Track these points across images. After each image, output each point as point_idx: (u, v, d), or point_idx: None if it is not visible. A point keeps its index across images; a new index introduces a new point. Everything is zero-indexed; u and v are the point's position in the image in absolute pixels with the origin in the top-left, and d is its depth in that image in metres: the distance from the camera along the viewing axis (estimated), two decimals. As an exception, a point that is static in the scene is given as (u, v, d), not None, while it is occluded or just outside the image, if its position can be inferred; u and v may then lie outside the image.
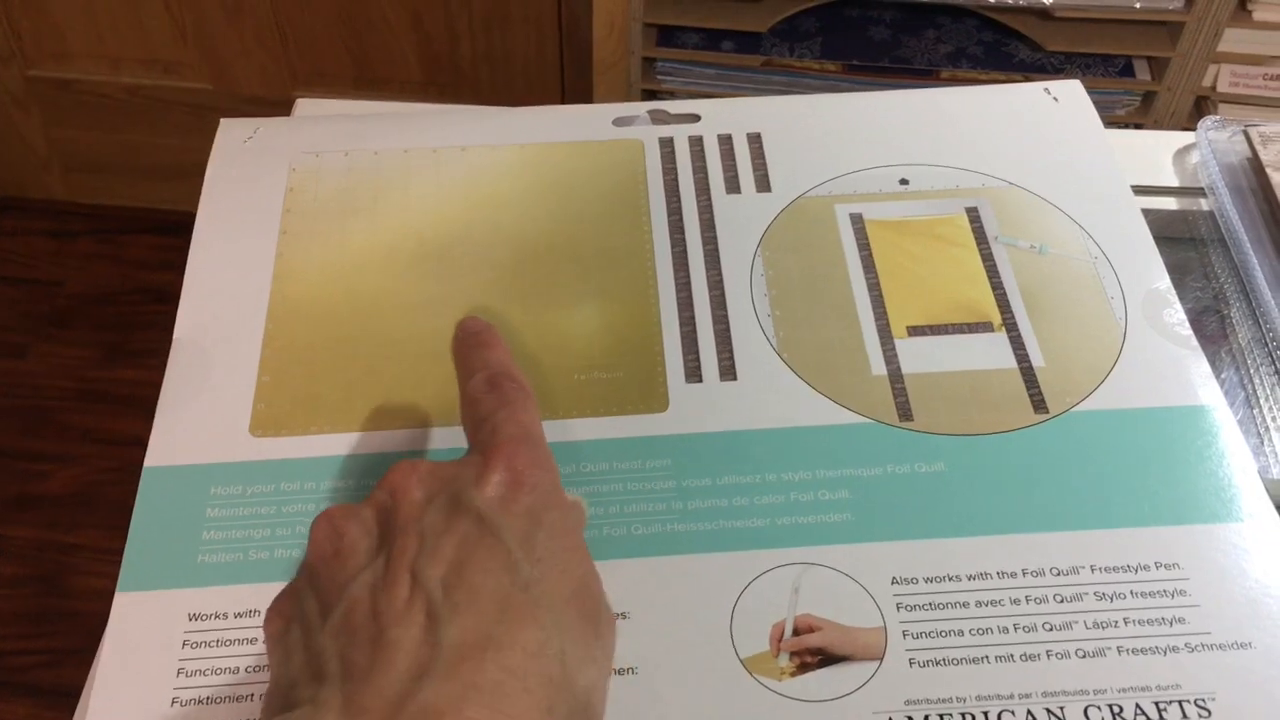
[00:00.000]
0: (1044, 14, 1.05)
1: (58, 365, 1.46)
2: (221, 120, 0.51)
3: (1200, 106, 1.09)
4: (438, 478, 0.34)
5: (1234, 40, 1.03)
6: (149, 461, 0.41)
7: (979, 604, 0.38)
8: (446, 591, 0.31)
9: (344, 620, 0.31)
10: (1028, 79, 1.05)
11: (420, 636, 0.30)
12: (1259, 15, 1.01)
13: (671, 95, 1.15)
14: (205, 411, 0.42)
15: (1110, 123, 1.11)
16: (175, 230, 1.48)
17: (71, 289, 1.55)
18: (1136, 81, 1.08)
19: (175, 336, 0.44)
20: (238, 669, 0.36)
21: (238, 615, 0.37)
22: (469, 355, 0.40)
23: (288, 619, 0.33)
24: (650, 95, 1.15)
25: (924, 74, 1.08)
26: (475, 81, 1.39)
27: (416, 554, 0.32)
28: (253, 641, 0.37)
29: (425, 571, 0.31)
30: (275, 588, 0.38)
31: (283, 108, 0.58)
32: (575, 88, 1.36)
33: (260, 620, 0.37)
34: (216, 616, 0.37)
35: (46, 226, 1.61)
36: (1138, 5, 1.02)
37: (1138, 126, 1.10)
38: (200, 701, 0.36)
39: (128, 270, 1.56)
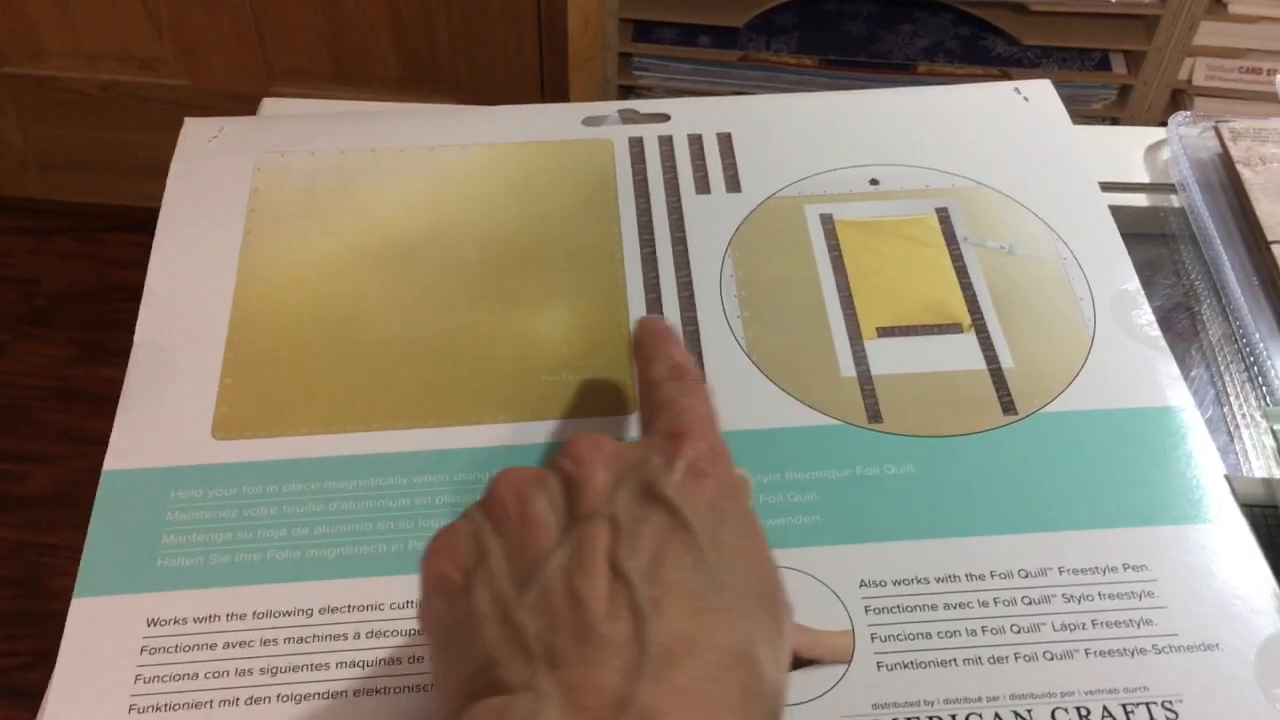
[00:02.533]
0: (1020, 8, 1.05)
1: (35, 364, 1.45)
2: (186, 120, 0.51)
3: (1177, 100, 1.10)
4: (624, 460, 0.33)
5: (1209, 33, 1.03)
6: (108, 465, 0.41)
7: (947, 606, 0.38)
8: (647, 586, 0.30)
9: (543, 599, 0.30)
10: (1004, 73, 1.06)
11: (629, 634, 0.29)
12: (1234, 8, 1.01)
13: (649, 91, 1.14)
14: (167, 414, 0.42)
15: (1087, 116, 1.11)
16: (153, 228, 1.46)
17: (49, 287, 1.54)
18: (1113, 75, 1.08)
19: (136, 339, 0.44)
20: (197, 674, 0.36)
21: (198, 620, 0.37)
22: (652, 346, 0.39)
23: (467, 571, 0.31)
24: (627, 91, 1.15)
25: (901, 68, 1.08)
26: (454, 77, 1.38)
27: (613, 544, 0.31)
28: (212, 647, 0.37)
29: (625, 564, 0.30)
30: (237, 592, 0.38)
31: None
32: (554, 83, 1.36)
33: (221, 625, 0.37)
34: (176, 622, 0.37)
35: (23, 224, 1.60)
36: None
37: (1114, 120, 1.10)
38: (158, 709, 0.35)
39: (105, 268, 1.55)
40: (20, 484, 1.34)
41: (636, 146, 0.51)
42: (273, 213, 0.48)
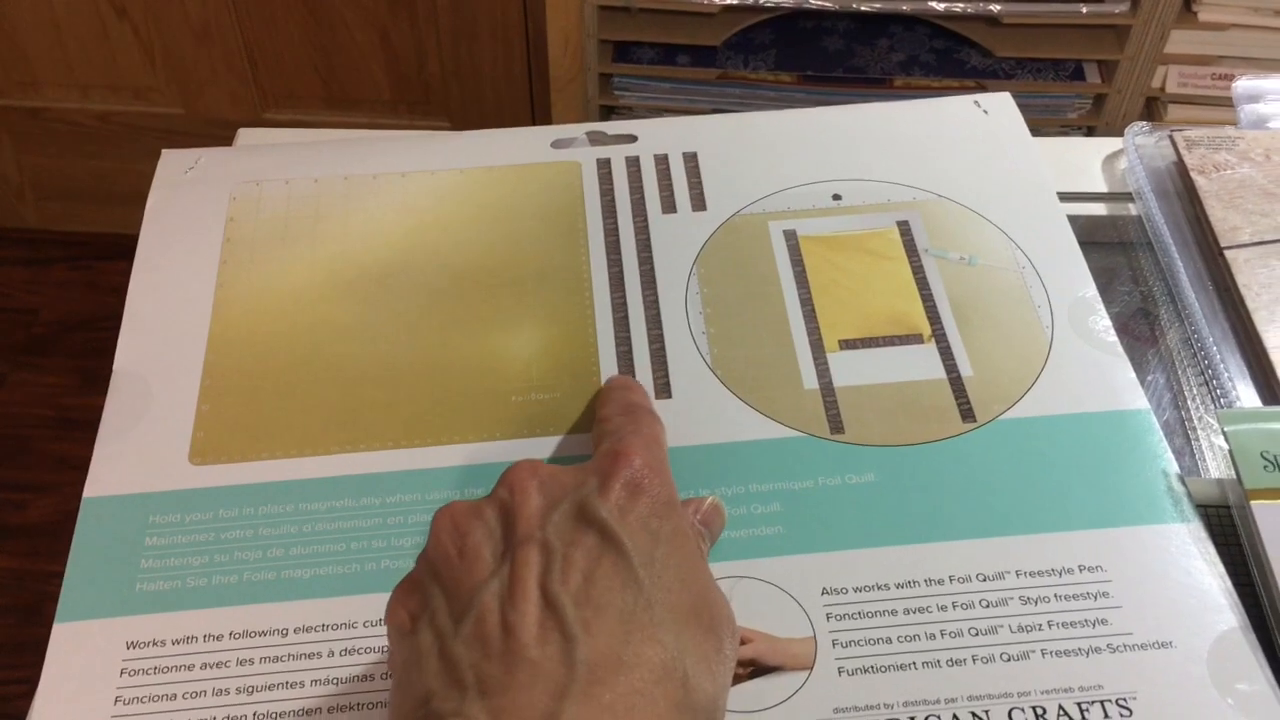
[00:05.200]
0: (993, 21, 1.06)
1: (34, 394, 1.46)
2: (163, 151, 0.52)
3: (1151, 107, 1.11)
4: (559, 483, 0.35)
5: (1180, 41, 1.04)
6: (88, 492, 0.42)
7: (907, 611, 0.39)
8: (577, 608, 0.31)
9: (476, 629, 0.31)
10: (980, 85, 1.07)
11: (557, 656, 0.30)
12: (1204, 16, 1.02)
13: (630, 110, 1.15)
14: (145, 441, 0.43)
15: (1063, 126, 1.12)
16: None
17: (47, 317, 1.55)
18: (1086, 85, 1.09)
19: (115, 367, 0.45)
20: (175, 695, 0.37)
21: (175, 642, 0.38)
22: (610, 392, 0.42)
23: (414, 615, 0.33)
24: (609, 111, 1.16)
25: (878, 83, 1.09)
26: (444, 99, 1.40)
27: (544, 568, 0.32)
28: (190, 668, 0.38)
29: (555, 588, 0.32)
30: (214, 613, 0.39)
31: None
32: (544, 104, 1.37)
33: (199, 646, 0.38)
34: (154, 644, 0.38)
35: (20, 255, 1.61)
36: (1084, 10, 1.03)
37: (1090, 129, 1.11)
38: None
39: (102, 297, 1.57)
40: (20, 513, 1.35)
41: (604, 168, 0.52)
42: (248, 241, 0.49)
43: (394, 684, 0.33)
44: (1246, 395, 0.46)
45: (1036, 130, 0.53)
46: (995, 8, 1.04)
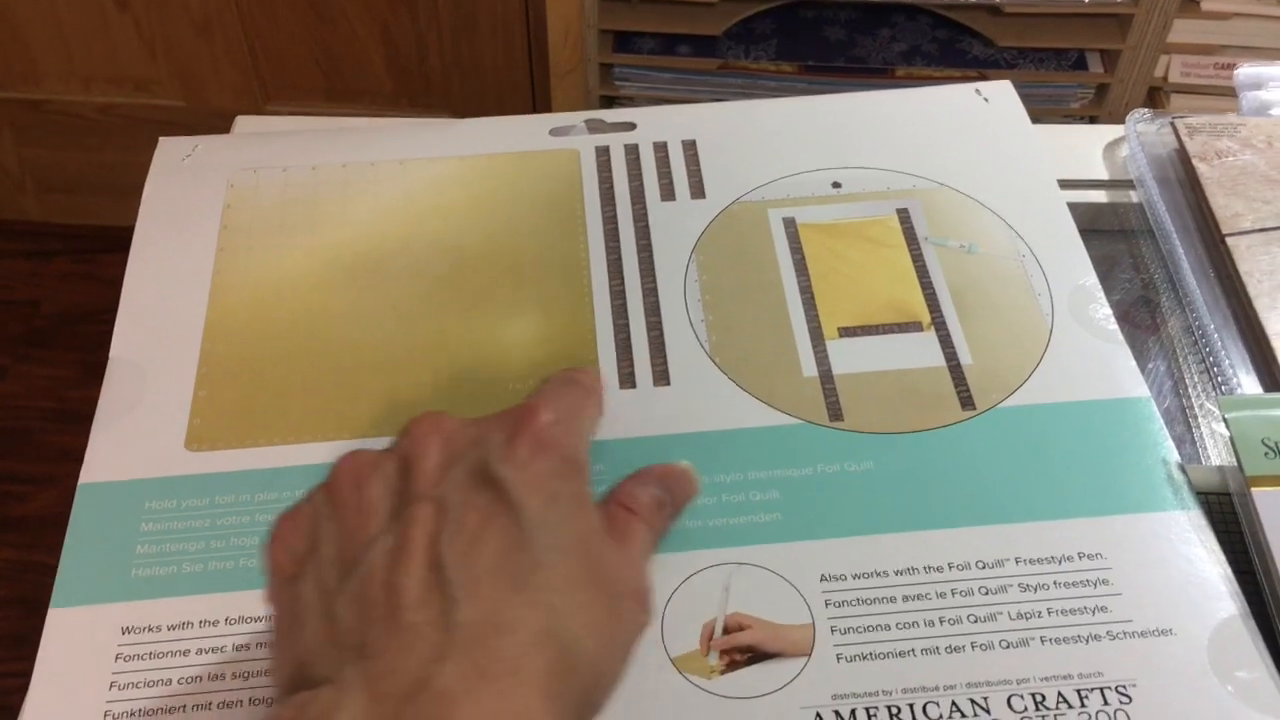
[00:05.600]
0: (995, 10, 1.06)
1: (36, 385, 1.47)
2: (160, 139, 0.52)
3: (1153, 97, 1.10)
4: (463, 437, 0.34)
5: (1183, 31, 1.04)
6: (83, 478, 0.42)
7: (906, 598, 0.39)
8: (462, 570, 0.31)
9: (361, 589, 0.31)
10: (982, 74, 1.06)
11: (436, 619, 0.30)
12: (1207, 5, 1.02)
13: (630, 100, 1.15)
14: (141, 427, 0.43)
15: (1065, 116, 1.11)
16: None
17: (48, 309, 1.55)
18: (1089, 74, 1.09)
19: (111, 355, 0.45)
20: (170, 680, 0.37)
21: (171, 628, 0.38)
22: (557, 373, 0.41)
23: (299, 558, 0.33)
24: (609, 101, 1.16)
25: (879, 72, 1.09)
26: (445, 91, 1.40)
27: (435, 528, 0.32)
28: (185, 654, 0.37)
29: (443, 548, 0.31)
30: (209, 599, 0.38)
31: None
32: (544, 95, 1.37)
33: (194, 632, 0.38)
34: (149, 629, 0.38)
35: (22, 247, 1.61)
36: (1086, 0, 1.03)
37: (1093, 119, 1.11)
38: (133, 714, 0.36)
39: (104, 289, 1.56)
40: (22, 504, 1.35)
41: (603, 155, 0.52)
42: (245, 228, 0.49)
43: (275, 631, 0.33)
44: (1247, 383, 0.46)
45: (1038, 120, 0.53)
46: (997, -3, 1.04)
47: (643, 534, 0.37)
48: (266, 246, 0.48)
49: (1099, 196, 0.54)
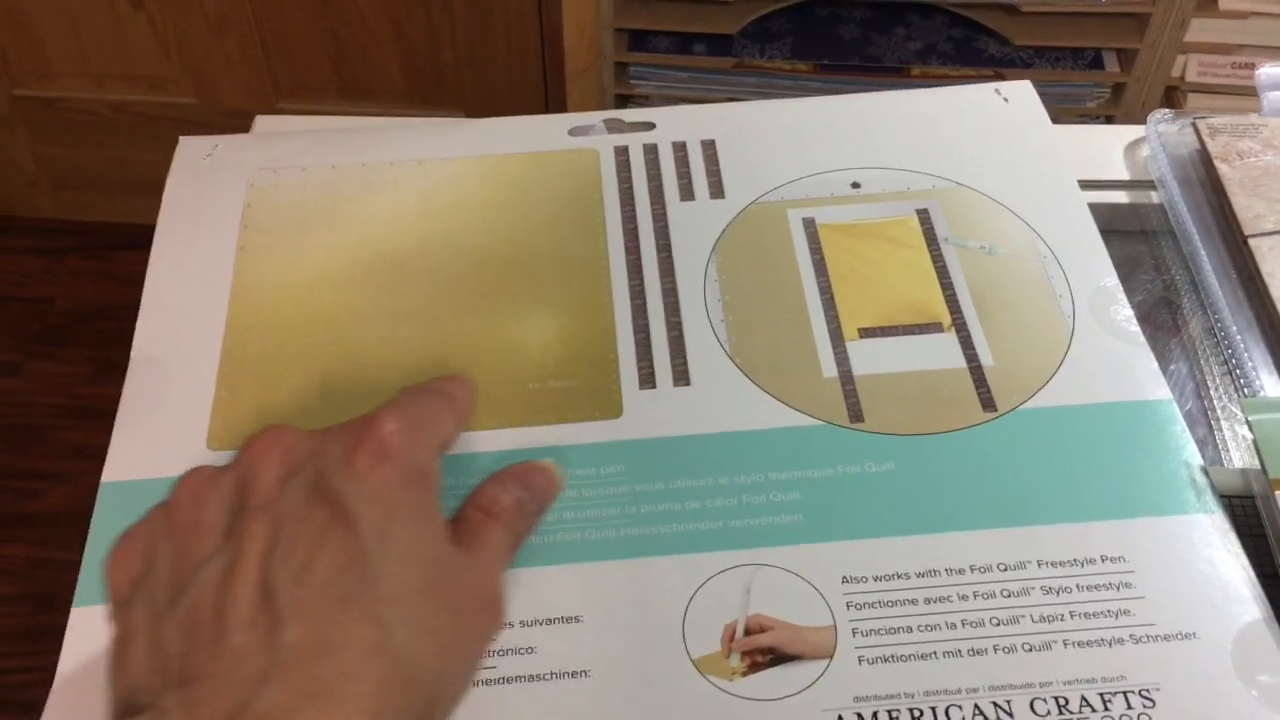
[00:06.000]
0: (1011, 9, 1.05)
1: (49, 382, 1.47)
2: (181, 138, 0.52)
3: (1170, 97, 1.10)
4: (303, 450, 0.34)
5: (1201, 30, 1.04)
6: (106, 477, 0.42)
7: (927, 601, 0.38)
8: (292, 589, 0.31)
9: (190, 613, 0.31)
10: (998, 74, 1.06)
11: (262, 641, 0.30)
12: (1225, 5, 1.02)
13: (645, 99, 1.15)
14: (162, 426, 0.43)
15: (1081, 115, 1.11)
16: (161, 245, 1.47)
17: (62, 306, 1.55)
18: (1105, 74, 1.08)
19: (133, 353, 0.45)
20: (193, 683, 0.37)
21: None
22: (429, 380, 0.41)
23: (134, 580, 0.33)
24: (624, 100, 1.16)
25: (894, 71, 1.09)
26: (458, 89, 1.40)
27: (269, 545, 0.31)
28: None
29: (275, 567, 0.31)
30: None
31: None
32: (558, 94, 1.37)
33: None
34: None
35: (35, 244, 1.61)
36: (1104, -1, 1.03)
37: (1109, 119, 1.11)
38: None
39: (117, 286, 1.57)
40: (36, 501, 1.36)
41: (622, 155, 0.52)
42: (265, 228, 0.49)
43: (110, 657, 0.32)
44: (1270, 385, 0.45)
45: (1055, 119, 0.52)
46: (1014, -4, 1.03)
47: (499, 537, 0.37)
48: (286, 246, 0.48)
49: (1120, 197, 0.54)
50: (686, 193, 0.50)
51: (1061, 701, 0.36)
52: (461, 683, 0.34)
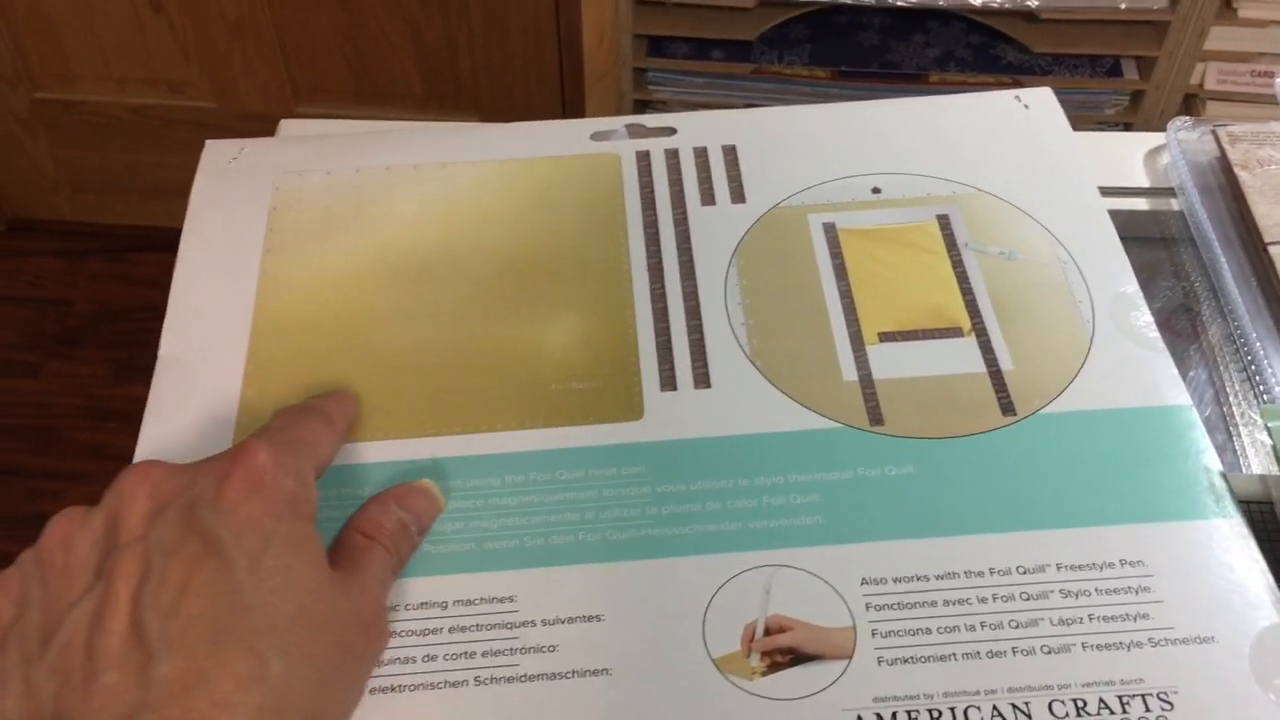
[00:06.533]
0: (1030, 16, 1.05)
1: (68, 384, 1.48)
2: (207, 141, 0.53)
3: (1189, 104, 1.10)
4: (173, 483, 0.34)
5: (1220, 38, 1.04)
6: None
7: (947, 603, 0.39)
8: (163, 624, 0.31)
9: (60, 656, 0.31)
10: (1016, 81, 1.06)
11: (133, 677, 0.30)
12: (1244, 13, 1.02)
13: (663, 104, 1.16)
14: (189, 425, 0.43)
15: (1100, 123, 1.11)
16: (180, 248, 1.47)
17: (81, 308, 1.56)
18: (1124, 81, 1.08)
19: (160, 354, 0.46)
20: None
21: None
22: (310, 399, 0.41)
23: (5, 625, 0.33)
24: (642, 105, 1.16)
25: (913, 78, 1.09)
26: (475, 94, 1.40)
27: (140, 582, 0.32)
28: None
29: (145, 603, 0.31)
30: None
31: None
32: (575, 99, 1.37)
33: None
34: None
35: (55, 247, 1.63)
36: (1123, 6, 1.03)
37: (1127, 126, 1.11)
38: None
39: (136, 289, 1.58)
40: (54, 502, 1.36)
41: (643, 160, 0.52)
42: (291, 230, 0.49)
43: None
44: (1289, 391, 0.46)
45: (1073, 127, 0.53)
46: (1033, 3, 1.03)
47: (380, 559, 0.37)
48: (311, 248, 0.49)
49: (1140, 204, 0.54)
50: (708, 197, 0.51)
51: (1080, 704, 0.36)
52: (345, 706, 0.34)
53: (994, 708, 0.36)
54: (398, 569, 0.38)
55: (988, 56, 1.08)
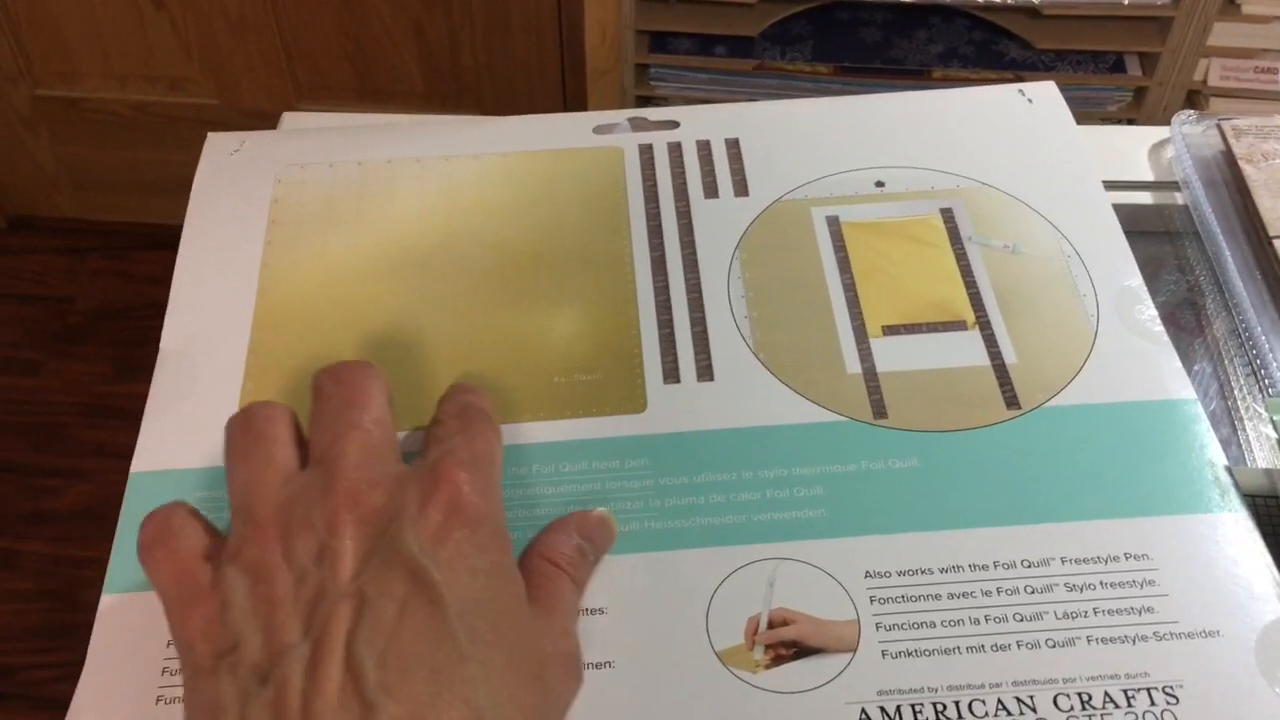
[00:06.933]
0: (1033, 12, 1.05)
1: (70, 381, 1.48)
2: (209, 135, 0.53)
3: (1192, 100, 1.10)
4: (379, 518, 0.34)
5: (1223, 34, 1.04)
6: (135, 467, 0.42)
7: (951, 596, 0.39)
8: (381, 672, 0.31)
9: (276, 698, 0.30)
10: (1019, 77, 1.06)
11: None
12: (1247, 9, 1.02)
13: (665, 100, 1.16)
14: (191, 418, 0.43)
15: (1103, 119, 1.11)
16: (182, 245, 1.48)
17: (83, 305, 1.56)
18: (1128, 77, 1.08)
19: (161, 346, 0.45)
20: (222, 670, 0.37)
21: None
22: (452, 394, 0.40)
23: (217, 652, 0.32)
24: (644, 101, 1.16)
25: (916, 74, 1.09)
26: (477, 91, 1.40)
27: (352, 626, 0.31)
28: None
29: (360, 649, 0.31)
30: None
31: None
32: (576, 95, 1.37)
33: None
34: None
35: (57, 244, 1.63)
36: (1126, 2, 1.02)
37: (1130, 121, 1.11)
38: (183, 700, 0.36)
39: (138, 286, 1.58)
40: (56, 499, 1.37)
41: (646, 153, 0.52)
42: (292, 223, 0.49)
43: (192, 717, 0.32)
44: (1294, 385, 0.46)
45: (1077, 122, 0.53)
46: (1036, -1, 1.03)
47: (567, 591, 0.37)
48: (313, 241, 0.49)
49: (1144, 198, 0.54)
50: (710, 190, 0.51)
51: (1085, 697, 0.36)
52: None
53: (998, 701, 0.36)
54: (579, 598, 0.38)
55: (991, 53, 1.08)
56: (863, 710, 0.36)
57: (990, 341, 0.45)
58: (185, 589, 0.33)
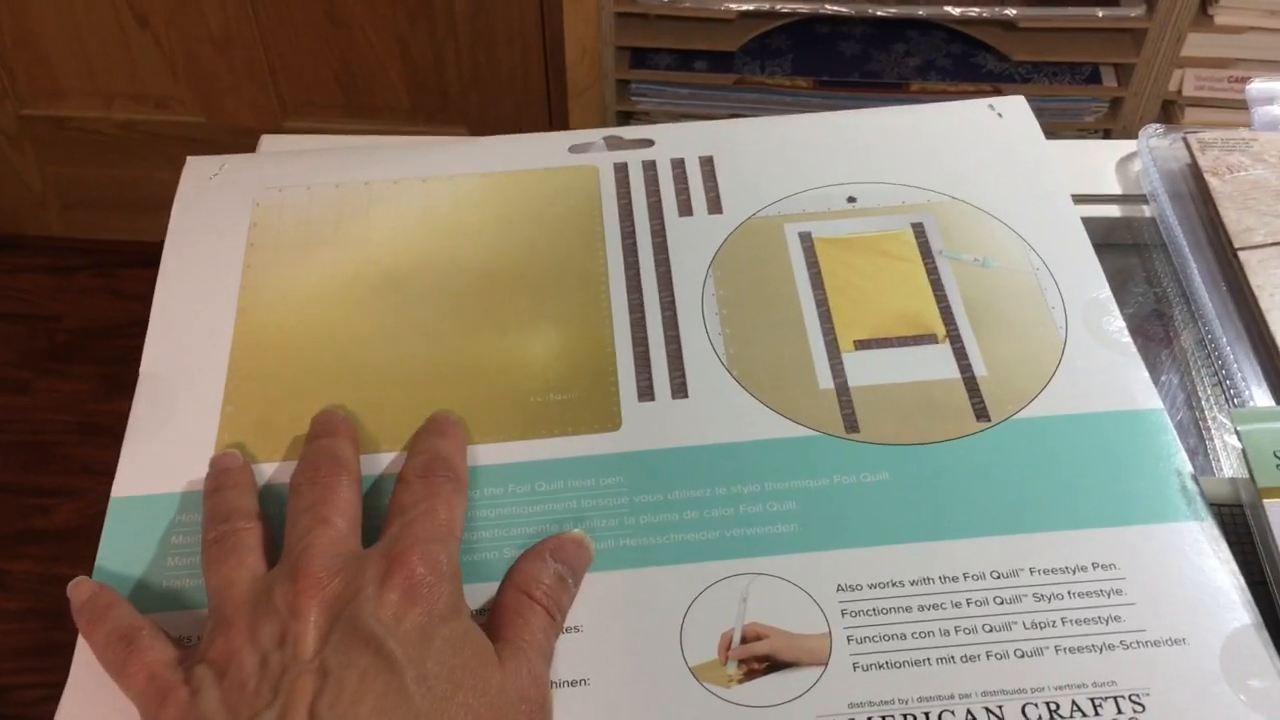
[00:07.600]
0: (1009, 25, 1.06)
1: (59, 399, 1.48)
2: (188, 158, 0.53)
3: (1168, 111, 1.11)
4: (344, 594, 0.36)
5: (1197, 45, 1.05)
6: (115, 492, 0.42)
7: (921, 608, 0.39)
8: None
9: None
10: (996, 89, 1.07)
11: None
12: (1220, 19, 1.02)
13: (647, 116, 1.16)
14: (170, 442, 0.44)
15: (1080, 130, 1.12)
16: (168, 263, 1.47)
17: (71, 324, 1.56)
18: (1103, 88, 1.09)
19: (141, 370, 0.46)
20: (201, 691, 0.37)
21: (200, 638, 0.39)
22: (421, 439, 0.42)
23: (182, 712, 0.34)
24: (626, 117, 1.17)
25: (894, 87, 1.10)
26: (463, 107, 1.41)
27: (315, 695, 0.33)
28: (215, 664, 0.38)
29: (323, 715, 0.33)
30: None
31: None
32: (561, 110, 1.38)
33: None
34: (181, 640, 0.39)
35: (45, 263, 1.62)
36: (1100, 14, 1.03)
37: (1107, 133, 1.11)
38: None
39: (126, 304, 1.58)
40: (46, 518, 1.36)
41: (621, 172, 0.53)
42: (271, 246, 0.50)
43: None
44: (1260, 395, 0.46)
45: (1052, 134, 0.53)
46: (1011, 12, 1.04)
47: (540, 626, 0.38)
48: (292, 264, 0.49)
49: (1112, 211, 0.55)
50: (685, 208, 0.51)
51: (1053, 706, 0.37)
52: None
53: (968, 711, 0.37)
54: (559, 630, 0.39)
55: (968, 65, 1.08)
56: (834, 722, 0.37)
57: (960, 354, 0.46)
58: (157, 688, 0.35)
